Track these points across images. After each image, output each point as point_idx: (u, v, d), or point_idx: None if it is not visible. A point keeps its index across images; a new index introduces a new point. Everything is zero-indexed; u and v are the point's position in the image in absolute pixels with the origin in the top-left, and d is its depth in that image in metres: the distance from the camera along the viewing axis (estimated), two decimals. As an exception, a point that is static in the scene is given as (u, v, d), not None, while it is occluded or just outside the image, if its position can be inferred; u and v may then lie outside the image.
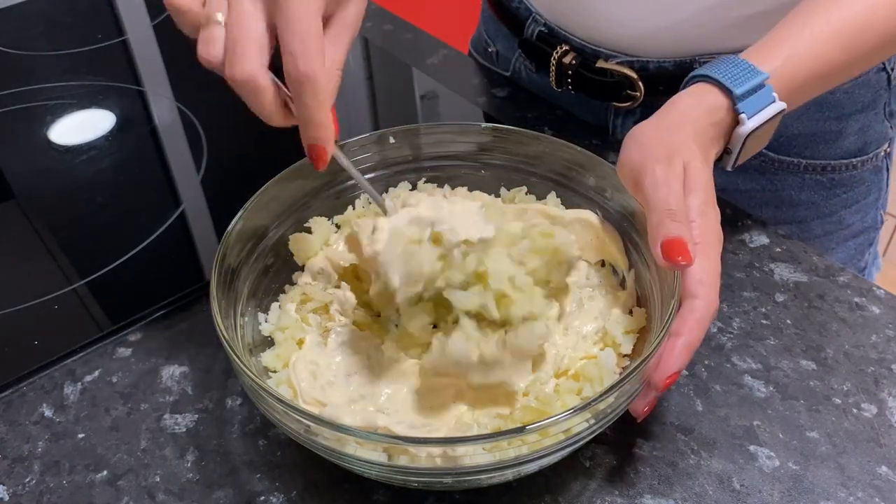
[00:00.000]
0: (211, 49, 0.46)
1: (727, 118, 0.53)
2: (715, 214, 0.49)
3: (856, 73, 0.60)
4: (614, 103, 0.76)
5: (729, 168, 0.56)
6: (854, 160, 0.76)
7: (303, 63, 0.44)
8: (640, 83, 0.72)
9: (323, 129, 0.47)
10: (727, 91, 0.53)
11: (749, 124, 0.53)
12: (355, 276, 0.56)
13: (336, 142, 0.49)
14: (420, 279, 0.47)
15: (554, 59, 0.76)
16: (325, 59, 0.45)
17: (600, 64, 0.73)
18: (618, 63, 0.72)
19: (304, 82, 0.44)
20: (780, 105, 0.54)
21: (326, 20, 0.47)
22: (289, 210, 0.58)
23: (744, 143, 0.54)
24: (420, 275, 0.47)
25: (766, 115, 0.54)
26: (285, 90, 0.46)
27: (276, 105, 0.46)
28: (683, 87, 0.56)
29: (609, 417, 0.44)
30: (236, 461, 0.53)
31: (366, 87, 0.93)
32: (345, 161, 0.51)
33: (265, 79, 0.45)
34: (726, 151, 0.55)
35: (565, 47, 0.75)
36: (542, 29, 0.77)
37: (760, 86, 0.54)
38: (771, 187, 0.76)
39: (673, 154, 0.49)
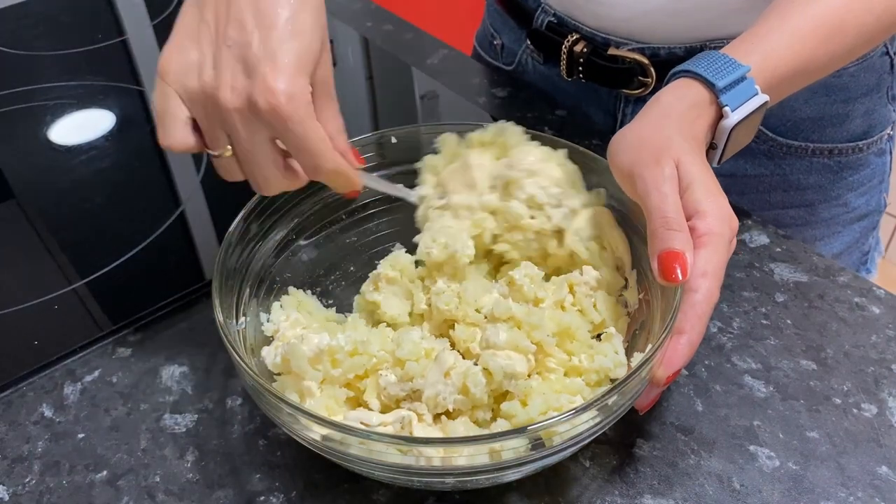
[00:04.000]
0: (230, 176, 0.50)
1: (711, 112, 0.53)
2: (722, 201, 0.49)
3: (836, 67, 0.60)
4: (625, 91, 0.76)
5: (715, 164, 0.55)
6: (860, 143, 0.77)
7: (324, 169, 0.48)
8: (652, 69, 0.72)
9: (354, 184, 0.52)
10: (709, 84, 0.53)
11: (733, 117, 0.53)
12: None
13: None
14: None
15: (565, 48, 0.76)
16: (329, 141, 0.48)
17: (612, 51, 0.73)
18: (629, 50, 0.73)
19: (330, 178, 0.50)
20: (763, 97, 0.54)
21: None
22: (291, 211, 0.58)
23: (728, 138, 0.54)
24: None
25: (749, 107, 0.54)
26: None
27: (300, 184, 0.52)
28: (665, 84, 0.56)
29: (612, 416, 0.44)
30: (236, 461, 0.53)
31: (366, 87, 0.93)
32: (371, 180, 0.56)
33: (288, 182, 0.50)
34: (711, 147, 0.55)
35: (576, 36, 0.75)
36: (552, 19, 0.78)
37: (742, 79, 0.53)
38: (779, 171, 0.77)
39: (661, 154, 0.49)
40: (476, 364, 0.50)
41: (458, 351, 0.52)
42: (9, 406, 0.57)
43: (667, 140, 0.50)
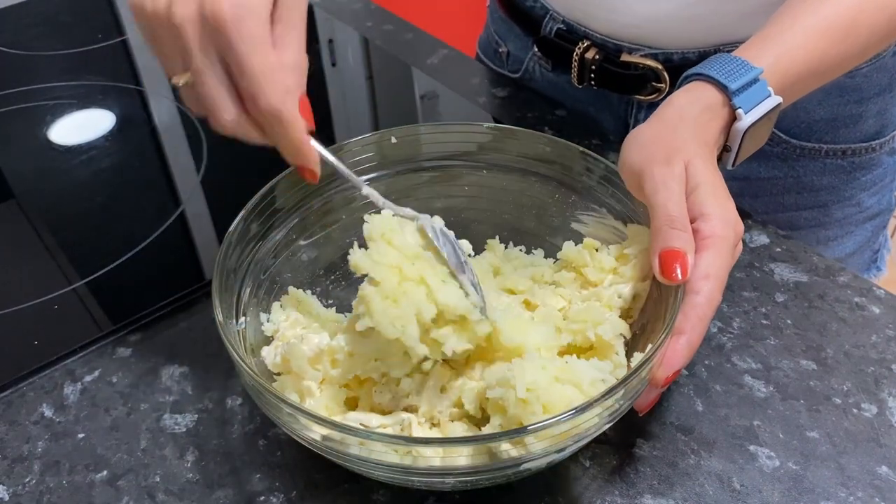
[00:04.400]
0: (192, 107, 0.48)
1: (724, 114, 0.54)
2: (729, 206, 0.49)
3: (849, 67, 0.61)
4: (638, 97, 0.76)
5: (729, 167, 0.56)
6: (873, 143, 0.77)
7: (263, 102, 0.45)
8: (666, 74, 0.72)
9: (301, 150, 0.48)
10: (722, 87, 0.53)
11: (747, 119, 0.53)
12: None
13: (314, 133, 0.49)
14: None
15: (576, 55, 0.76)
16: (281, 78, 0.45)
17: (624, 57, 0.73)
18: (642, 55, 0.73)
19: (268, 117, 0.46)
20: (776, 99, 0.54)
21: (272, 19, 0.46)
22: (291, 211, 0.58)
23: (742, 140, 0.54)
24: None
25: (762, 109, 0.54)
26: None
27: (259, 138, 0.48)
28: (678, 87, 0.56)
29: (612, 417, 0.44)
30: (236, 461, 0.53)
31: (366, 87, 0.93)
32: (330, 157, 0.51)
33: (245, 122, 0.47)
34: (725, 149, 0.55)
35: (587, 43, 0.75)
36: (561, 27, 0.77)
37: (755, 81, 0.54)
38: (793, 174, 0.77)
39: (672, 154, 0.49)
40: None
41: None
42: (9, 406, 0.57)
43: (679, 141, 0.51)
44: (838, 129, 0.75)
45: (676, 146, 0.50)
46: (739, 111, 0.53)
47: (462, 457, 0.43)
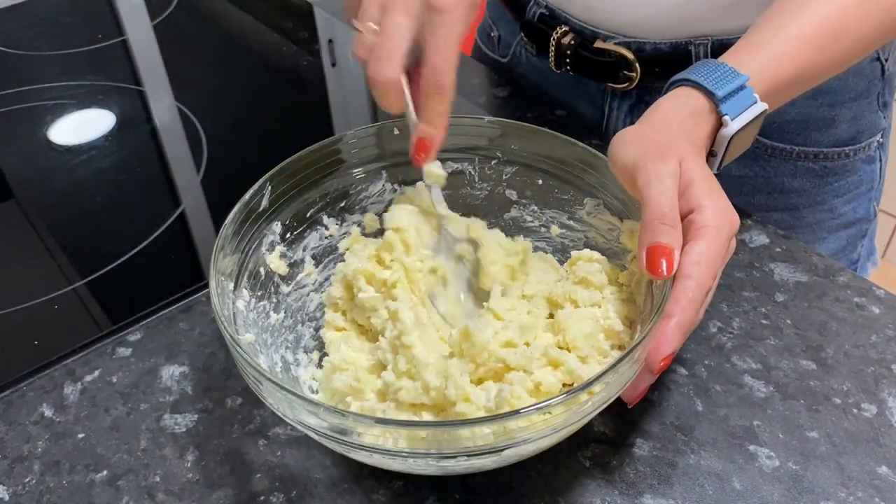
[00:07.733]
0: (359, 50, 0.52)
1: (710, 120, 0.54)
2: (723, 199, 0.49)
3: (833, 73, 0.61)
4: (610, 84, 0.77)
5: (714, 171, 0.56)
6: (846, 148, 0.77)
7: (442, 78, 0.51)
8: (637, 64, 0.73)
9: (441, 128, 0.53)
10: (709, 94, 0.53)
11: (733, 125, 0.54)
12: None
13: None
14: None
15: (553, 39, 0.77)
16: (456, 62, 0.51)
17: (598, 44, 0.74)
18: (615, 43, 0.74)
19: (439, 92, 0.51)
20: (761, 106, 0.55)
21: None
22: (286, 202, 0.58)
23: (727, 145, 0.55)
24: None
25: (748, 116, 0.54)
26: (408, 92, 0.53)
27: (400, 103, 0.53)
28: (665, 93, 0.56)
29: (601, 401, 0.44)
30: (236, 461, 0.53)
31: (366, 87, 0.93)
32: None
33: (398, 84, 0.51)
34: (711, 154, 0.56)
35: (565, 28, 0.77)
36: (543, 11, 0.79)
37: (741, 87, 0.54)
38: (763, 174, 0.77)
39: (667, 151, 0.50)
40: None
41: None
42: (9, 406, 0.57)
43: (671, 140, 0.51)
44: (810, 132, 0.75)
45: (669, 143, 0.50)
46: (726, 118, 0.53)
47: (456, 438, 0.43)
